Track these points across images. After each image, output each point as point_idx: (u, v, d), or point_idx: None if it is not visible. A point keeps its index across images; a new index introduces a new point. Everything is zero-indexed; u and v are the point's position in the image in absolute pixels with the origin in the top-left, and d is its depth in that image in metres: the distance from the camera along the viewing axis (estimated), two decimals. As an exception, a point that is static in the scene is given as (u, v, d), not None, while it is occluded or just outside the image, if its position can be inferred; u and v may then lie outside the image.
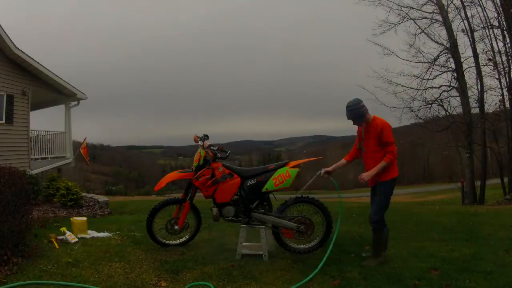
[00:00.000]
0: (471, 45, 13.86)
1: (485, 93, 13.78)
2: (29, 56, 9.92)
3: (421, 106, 14.93)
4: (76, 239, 4.48)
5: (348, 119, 3.78)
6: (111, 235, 4.97)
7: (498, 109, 13.44)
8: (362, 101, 3.72)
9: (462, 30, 13.92)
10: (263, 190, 4.08)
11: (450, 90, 14.58)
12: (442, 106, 14.82)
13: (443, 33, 14.41)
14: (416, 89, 14.85)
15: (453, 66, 14.29)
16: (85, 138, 12.58)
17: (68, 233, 4.52)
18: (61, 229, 4.63)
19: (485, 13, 13.46)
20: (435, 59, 14.51)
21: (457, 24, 14.11)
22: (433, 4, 14.33)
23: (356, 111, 3.70)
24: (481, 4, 13.47)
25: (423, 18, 14.61)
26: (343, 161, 4.09)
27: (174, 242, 4.47)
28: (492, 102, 13.84)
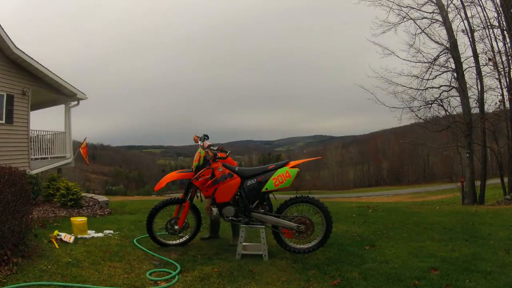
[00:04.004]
0: (471, 45, 13.85)
1: (485, 93, 13.78)
2: (29, 56, 9.91)
3: (421, 106, 14.95)
4: (73, 238, 4.43)
5: None
6: (111, 235, 4.97)
7: (498, 109, 13.42)
8: None
9: (462, 30, 13.91)
10: (263, 190, 4.08)
11: (450, 90, 14.58)
12: (442, 106, 14.83)
13: (443, 33, 14.41)
14: (416, 89, 14.86)
15: (453, 66, 14.28)
16: (85, 138, 12.58)
17: (62, 234, 4.42)
18: (54, 233, 4.45)
19: (485, 13, 13.45)
20: (435, 59, 14.50)
21: (457, 24, 14.11)
22: (433, 4, 14.33)
23: None
24: (481, 4, 13.46)
25: (423, 18, 14.60)
26: None
27: (174, 242, 4.47)
28: (492, 102, 13.86)
